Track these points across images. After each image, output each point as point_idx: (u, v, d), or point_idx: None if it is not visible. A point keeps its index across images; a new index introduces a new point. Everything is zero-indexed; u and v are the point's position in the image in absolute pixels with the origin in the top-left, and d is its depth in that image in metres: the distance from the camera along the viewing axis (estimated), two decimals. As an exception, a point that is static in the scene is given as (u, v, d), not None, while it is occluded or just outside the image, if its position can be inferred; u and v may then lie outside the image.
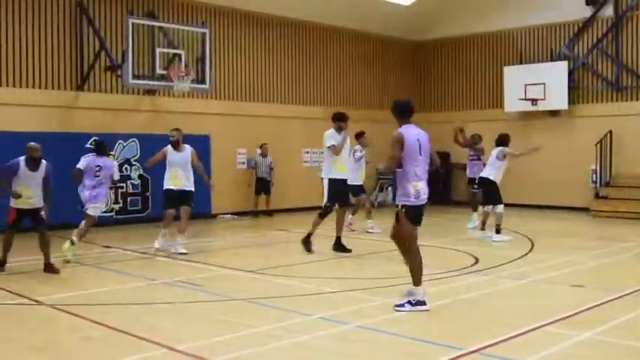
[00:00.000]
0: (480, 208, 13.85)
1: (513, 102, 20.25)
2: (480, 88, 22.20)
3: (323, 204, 11.53)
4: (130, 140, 16.24)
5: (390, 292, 8.30)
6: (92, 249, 12.31)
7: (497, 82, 21.36)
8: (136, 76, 14.75)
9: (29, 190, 9.75)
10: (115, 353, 5.99)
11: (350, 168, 12.65)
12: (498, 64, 21.43)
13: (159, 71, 15.13)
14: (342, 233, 11.80)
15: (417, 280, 7.49)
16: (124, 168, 16.10)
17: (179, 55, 15.57)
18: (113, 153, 15.79)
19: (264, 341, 6.23)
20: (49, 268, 9.84)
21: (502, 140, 13.59)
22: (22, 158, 9.82)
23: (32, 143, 9.93)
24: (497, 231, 13.13)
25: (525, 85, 19.90)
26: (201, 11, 17.73)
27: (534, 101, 19.76)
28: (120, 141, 16.06)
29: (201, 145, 16.81)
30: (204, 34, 15.80)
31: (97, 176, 11.23)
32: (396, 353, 6.03)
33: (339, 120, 11.71)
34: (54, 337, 6.55)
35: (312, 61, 20.64)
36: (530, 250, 11.93)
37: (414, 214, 7.55)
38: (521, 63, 20.73)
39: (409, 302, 7.38)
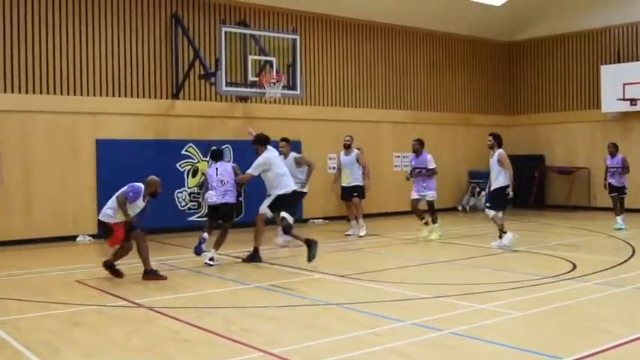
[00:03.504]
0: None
1: (611, 102, 19.55)
2: (575, 88, 21.56)
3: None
4: (224, 147, 16.54)
5: (485, 299, 8.17)
6: (188, 253, 12.62)
7: (593, 82, 20.72)
8: (229, 84, 15.01)
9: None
10: (212, 356, 6.12)
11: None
12: (594, 63, 20.78)
13: (251, 78, 15.36)
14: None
15: None
16: (217, 174, 16.41)
17: (270, 62, 15.77)
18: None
19: (357, 346, 6.23)
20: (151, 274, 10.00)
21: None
22: (143, 188, 9.88)
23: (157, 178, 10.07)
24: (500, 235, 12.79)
25: (624, 84, 19.18)
26: (292, 18, 17.95)
27: (634, 101, 19.03)
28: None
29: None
30: (294, 40, 15.95)
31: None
32: (491, 361, 5.93)
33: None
34: (153, 339, 6.74)
35: (401, 65, 20.55)
36: (631, 256, 11.49)
37: None
38: (619, 61, 20.04)
39: None
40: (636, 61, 19.70)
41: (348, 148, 14.96)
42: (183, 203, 15.99)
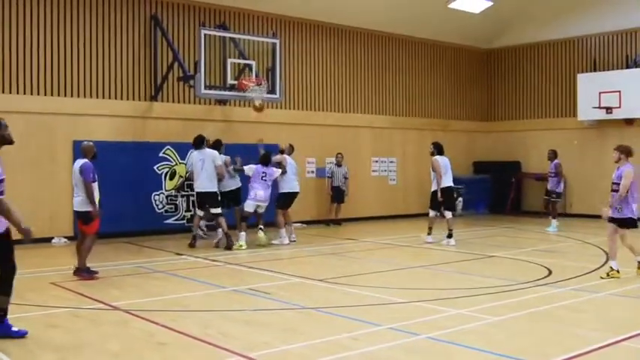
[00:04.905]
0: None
1: (587, 110, 19.73)
2: (552, 96, 21.76)
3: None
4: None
5: (462, 304, 8.22)
6: (165, 256, 12.57)
7: (570, 90, 20.92)
8: (208, 87, 14.97)
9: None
10: (188, 359, 6.09)
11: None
12: (571, 72, 20.99)
13: (230, 81, 15.34)
14: None
15: None
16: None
17: (250, 66, 15.77)
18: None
19: (334, 350, 6.24)
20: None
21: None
22: (87, 161, 10.27)
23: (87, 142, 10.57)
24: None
25: (600, 92, 19.36)
26: (272, 22, 17.94)
27: (609, 109, 19.24)
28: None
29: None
30: (274, 44, 15.95)
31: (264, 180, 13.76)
32: (467, 365, 5.96)
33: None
34: (129, 342, 6.70)
35: (381, 70, 20.61)
36: (605, 263, 11.61)
37: None
38: (595, 70, 20.25)
39: None
40: (612, 69, 19.93)
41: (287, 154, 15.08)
42: (160, 206, 15.90)
